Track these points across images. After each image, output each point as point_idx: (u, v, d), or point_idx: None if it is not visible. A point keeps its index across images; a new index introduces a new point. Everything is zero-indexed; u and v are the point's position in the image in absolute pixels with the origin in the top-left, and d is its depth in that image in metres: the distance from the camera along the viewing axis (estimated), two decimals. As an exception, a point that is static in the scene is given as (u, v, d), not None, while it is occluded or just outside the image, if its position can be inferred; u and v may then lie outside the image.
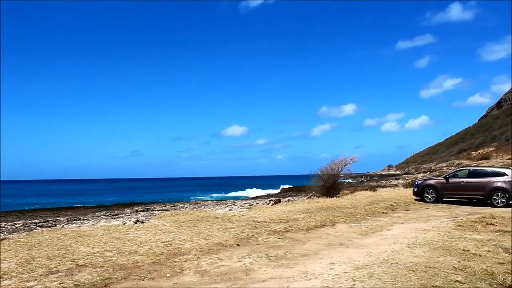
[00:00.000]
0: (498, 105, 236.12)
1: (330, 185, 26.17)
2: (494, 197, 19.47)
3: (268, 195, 59.96)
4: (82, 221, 29.59)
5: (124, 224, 16.91)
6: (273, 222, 14.72)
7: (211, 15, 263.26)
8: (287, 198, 35.65)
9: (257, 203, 32.88)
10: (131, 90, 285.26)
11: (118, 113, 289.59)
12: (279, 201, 28.22)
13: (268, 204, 25.19)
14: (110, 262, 9.14)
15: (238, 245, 11.12)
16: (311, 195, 27.83)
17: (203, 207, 37.59)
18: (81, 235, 12.04)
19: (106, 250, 10.19)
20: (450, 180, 20.81)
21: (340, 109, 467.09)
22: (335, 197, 24.16)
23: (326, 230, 13.76)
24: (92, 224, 22.19)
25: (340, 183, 28.90)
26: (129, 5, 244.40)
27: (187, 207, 39.26)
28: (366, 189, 32.13)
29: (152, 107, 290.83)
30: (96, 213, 37.95)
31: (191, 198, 67.43)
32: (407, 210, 18.74)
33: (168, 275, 8.28)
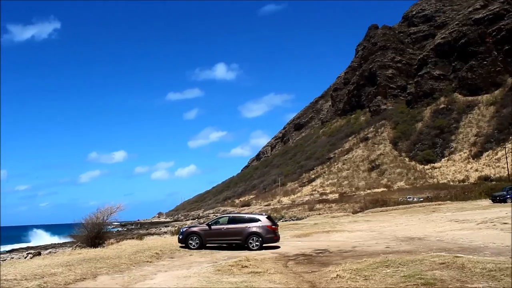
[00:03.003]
0: (258, 157, 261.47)
1: (94, 234, 25.04)
2: (250, 241, 21.19)
3: (28, 248, 54.84)
4: None
5: None
6: (25, 279, 13.34)
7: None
8: (49, 250, 32.90)
9: (12, 257, 29.45)
10: None
11: None
12: (39, 253, 25.83)
13: (26, 257, 22.81)
14: None
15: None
16: (76, 246, 26.23)
17: None
18: None
19: None
20: (212, 226, 21.96)
21: (111, 156, 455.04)
22: (99, 247, 23.20)
23: (86, 284, 13.06)
24: None
25: (107, 232, 27.92)
26: None
27: None
28: (134, 238, 31.73)
29: None
30: None
31: None
32: (172, 258, 19.02)
33: None
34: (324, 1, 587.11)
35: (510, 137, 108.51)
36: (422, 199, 76.83)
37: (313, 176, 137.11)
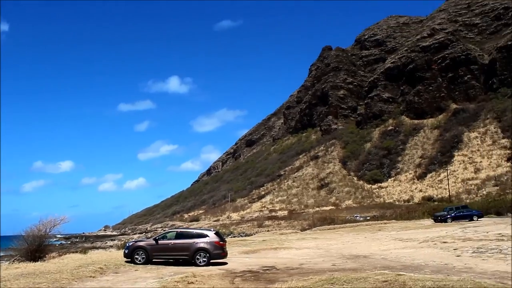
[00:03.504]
0: (208, 172, 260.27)
1: (35, 247, 24.07)
2: (197, 257, 20.97)
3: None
4: None
5: None
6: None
7: None
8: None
9: None
10: None
11: None
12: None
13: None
14: None
15: None
16: (14, 260, 25.10)
17: None
18: None
19: None
20: (159, 241, 21.61)
21: (57, 165, 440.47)
22: (40, 261, 22.31)
23: (24, 299, 12.53)
24: None
25: (49, 245, 26.93)
26: None
27: None
28: (78, 251, 30.76)
29: None
30: None
31: None
32: (117, 273, 18.55)
33: None
34: (280, 20, 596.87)
35: (452, 160, 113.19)
36: (368, 218, 78.49)
37: (263, 193, 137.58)
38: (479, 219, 50.41)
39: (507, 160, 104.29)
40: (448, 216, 51.26)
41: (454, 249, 23.02)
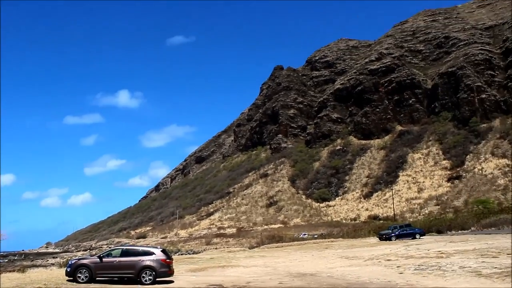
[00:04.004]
0: (157, 188, 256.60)
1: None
2: (143, 275, 20.51)
3: None
4: None
5: None
6: None
7: None
8: None
9: None
10: None
11: None
12: None
13: None
14: None
15: None
16: None
17: None
18: None
19: None
20: (104, 259, 21.01)
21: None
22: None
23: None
24: None
25: (-16, 264, 25.62)
26: None
27: None
28: (16, 270, 29.40)
29: None
30: None
31: None
32: (57, 292, 17.90)
33: None
34: (234, 38, 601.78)
35: (397, 180, 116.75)
36: (316, 236, 79.41)
37: (211, 210, 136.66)
38: (421, 237, 52.06)
39: (448, 180, 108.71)
40: (393, 234, 52.66)
41: (397, 267, 23.64)
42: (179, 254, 67.12)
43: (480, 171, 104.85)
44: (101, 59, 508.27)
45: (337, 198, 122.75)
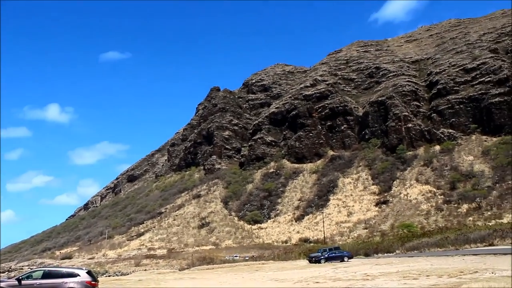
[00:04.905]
0: (86, 206, 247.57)
1: None
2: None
3: None
4: None
5: None
6: None
7: None
8: None
9: None
10: None
11: None
12: None
13: None
14: None
15: None
16: None
17: None
18: None
19: None
20: (23, 281, 19.96)
21: None
22: None
23: None
24: None
25: None
26: None
27: None
28: None
29: None
30: None
31: None
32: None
33: None
34: (171, 57, 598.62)
35: (328, 203, 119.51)
36: (247, 258, 79.40)
37: (142, 230, 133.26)
38: (349, 260, 53.41)
39: (376, 205, 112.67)
40: (322, 257, 53.66)
41: (325, 289, 24.06)
42: (106, 276, 64.83)
43: (406, 197, 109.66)
44: (30, 71, 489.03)
45: (269, 221, 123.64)
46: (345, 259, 53.91)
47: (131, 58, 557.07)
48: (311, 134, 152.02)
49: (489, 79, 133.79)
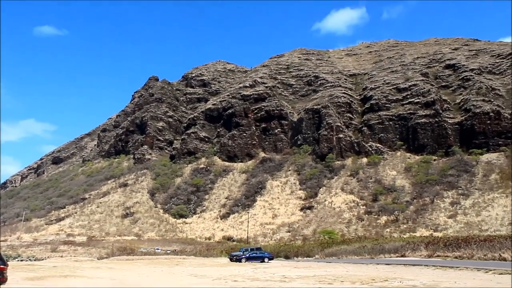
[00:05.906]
0: (3, 185, 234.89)
1: None
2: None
3: None
4: None
5: None
6: None
7: None
8: None
9: None
10: None
11: None
12: None
13: None
14: None
15: None
16: None
17: None
18: None
19: None
20: None
21: None
22: None
23: None
24: None
25: None
26: None
27: None
28: None
29: None
30: None
31: None
32: None
33: None
34: (111, 41, 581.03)
35: (254, 204, 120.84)
36: (169, 252, 78.70)
37: (63, 215, 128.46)
38: (269, 261, 54.24)
39: (301, 209, 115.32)
40: (243, 256, 54.18)
41: (242, 288, 24.41)
42: (18, 260, 61.90)
43: (330, 204, 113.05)
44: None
45: (194, 216, 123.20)
46: (266, 260, 54.67)
47: (68, 36, 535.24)
48: (244, 134, 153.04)
49: (418, 100, 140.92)
